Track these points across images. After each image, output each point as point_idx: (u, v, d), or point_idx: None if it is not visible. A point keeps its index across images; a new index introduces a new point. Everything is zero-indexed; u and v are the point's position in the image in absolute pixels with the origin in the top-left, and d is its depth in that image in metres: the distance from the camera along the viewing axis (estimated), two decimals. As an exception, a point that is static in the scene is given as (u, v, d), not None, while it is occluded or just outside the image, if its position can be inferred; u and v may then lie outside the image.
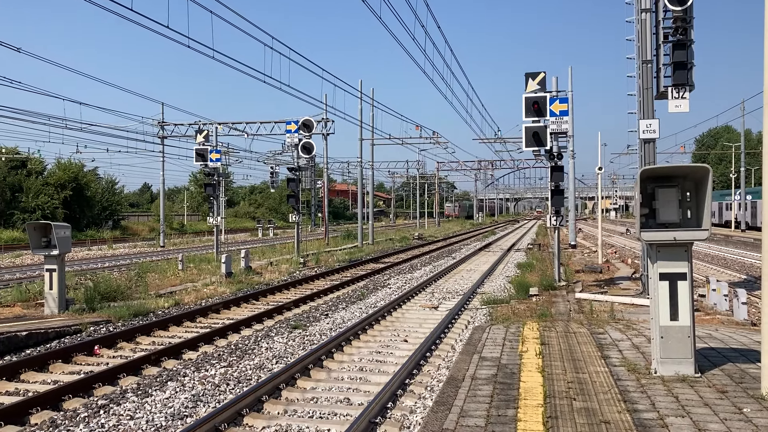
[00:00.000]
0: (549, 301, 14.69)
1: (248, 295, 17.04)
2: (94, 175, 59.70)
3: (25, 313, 13.75)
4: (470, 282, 20.36)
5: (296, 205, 26.65)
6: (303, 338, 11.73)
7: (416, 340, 11.54)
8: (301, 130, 26.42)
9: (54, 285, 13.59)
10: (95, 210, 56.67)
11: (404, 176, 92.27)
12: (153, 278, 19.61)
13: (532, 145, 16.33)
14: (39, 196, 48.85)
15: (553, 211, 17.61)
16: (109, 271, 22.54)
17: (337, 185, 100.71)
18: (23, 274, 23.64)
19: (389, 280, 21.04)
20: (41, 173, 52.40)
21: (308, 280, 20.95)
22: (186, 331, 12.73)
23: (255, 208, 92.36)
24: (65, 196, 50.75)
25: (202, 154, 25.90)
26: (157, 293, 16.94)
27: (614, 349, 8.88)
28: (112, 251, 36.95)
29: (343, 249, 33.97)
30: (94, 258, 32.15)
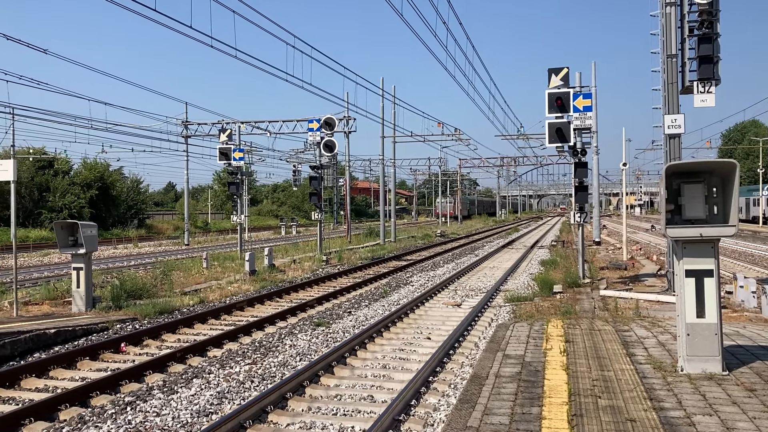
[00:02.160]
0: (573, 299, 14.58)
1: (272, 292, 17.13)
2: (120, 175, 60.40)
3: (53, 310, 13.98)
4: (493, 279, 20.28)
5: (318, 203, 26.74)
6: (326, 335, 11.78)
7: (439, 337, 11.53)
8: (323, 128, 26.49)
9: (81, 283, 13.79)
10: (121, 209, 57.33)
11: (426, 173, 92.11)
12: (178, 276, 19.80)
13: (556, 141, 16.20)
14: (66, 196, 49.53)
15: (577, 207, 17.47)
16: (134, 269, 22.82)
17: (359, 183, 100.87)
18: (51, 272, 24.02)
19: (412, 278, 21.04)
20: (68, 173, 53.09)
21: (331, 277, 21.01)
22: (211, 328, 12.85)
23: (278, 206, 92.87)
24: (91, 196, 51.41)
25: (225, 153, 26.07)
26: (182, 291, 17.11)
27: (639, 346, 8.79)
28: (138, 249, 37.39)
29: (365, 246, 34.02)
30: (120, 256, 32.56)
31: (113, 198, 55.42)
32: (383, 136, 39.71)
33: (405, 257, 29.57)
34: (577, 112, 16.44)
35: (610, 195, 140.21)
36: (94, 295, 14.45)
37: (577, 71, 17.86)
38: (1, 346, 10.24)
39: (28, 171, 48.13)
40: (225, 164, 26.88)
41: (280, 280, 20.12)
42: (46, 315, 13.31)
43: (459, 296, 16.68)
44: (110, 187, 54.96)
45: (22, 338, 10.65)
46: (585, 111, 16.48)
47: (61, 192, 49.75)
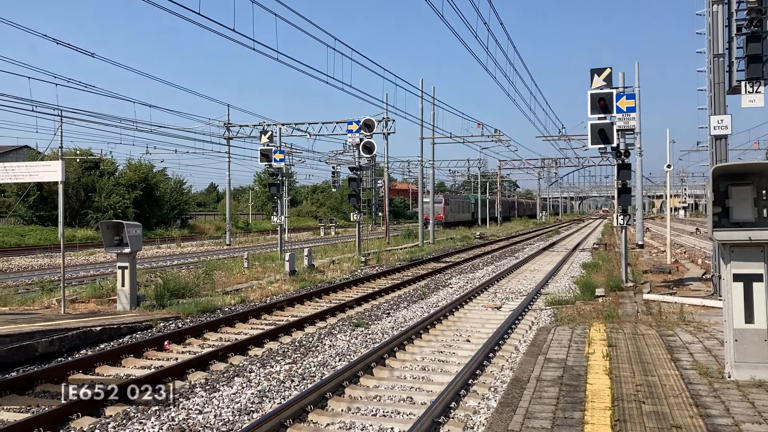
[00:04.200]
0: (616, 302, 14.36)
1: (311, 293, 17.26)
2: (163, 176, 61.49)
3: (99, 308, 14.32)
4: (534, 282, 20.10)
5: (357, 204, 26.84)
6: (365, 336, 11.82)
7: (479, 340, 11.47)
8: (362, 129, 26.57)
9: (126, 282, 14.08)
10: (164, 209, 58.36)
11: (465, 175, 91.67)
12: (219, 276, 20.09)
13: (598, 142, 15.98)
14: (111, 196, 50.57)
15: (620, 209, 17.20)
16: (177, 268, 23.22)
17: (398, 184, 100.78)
18: (97, 271, 24.62)
19: (450, 280, 20.97)
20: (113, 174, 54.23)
21: (370, 278, 21.09)
22: (251, 327, 13.01)
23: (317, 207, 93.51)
24: (136, 196, 52.36)
25: (266, 154, 26.36)
26: (223, 290, 17.36)
27: (684, 351, 8.60)
28: (181, 249, 38.05)
29: (403, 248, 34.03)
30: (163, 256, 33.19)
31: (157, 198, 56.42)
32: (422, 138, 39.69)
33: (443, 259, 29.48)
34: (620, 113, 16.18)
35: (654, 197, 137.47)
36: (138, 293, 14.75)
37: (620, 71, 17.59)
38: (50, 342, 10.53)
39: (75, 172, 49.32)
40: (266, 165, 27.18)
41: (320, 280, 20.26)
42: (92, 313, 13.65)
43: (499, 299, 16.57)
44: (154, 188, 55.95)
45: (69, 335, 10.94)
46: (628, 112, 16.20)
47: (106, 192, 50.83)
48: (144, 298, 14.71)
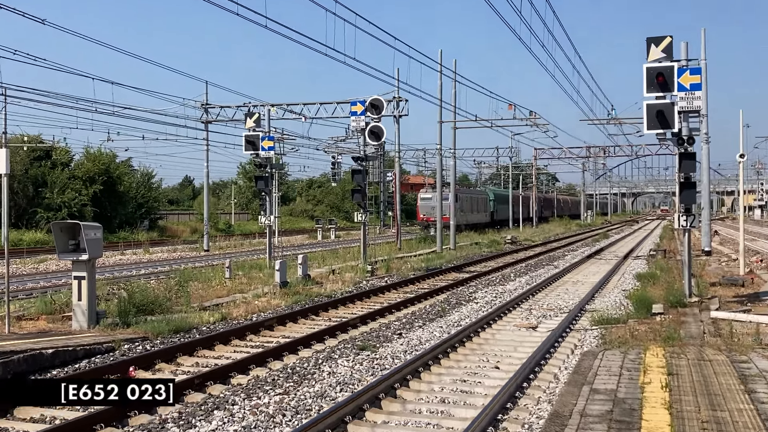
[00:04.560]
0: (677, 321, 14.31)
1: (307, 308, 17.27)
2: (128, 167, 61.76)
3: (50, 327, 14.38)
4: (577, 297, 20.06)
5: (362, 202, 26.86)
6: (372, 362, 11.83)
7: (510, 366, 11.45)
8: (369, 111, 26.59)
9: (83, 295, 14.14)
10: (129, 207, 58.59)
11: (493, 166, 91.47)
12: (196, 288, 20.15)
13: (656, 126, 15.92)
14: (65, 192, 50.77)
15: (682, 209, 17.14)
16: (145, 279, 23.31)
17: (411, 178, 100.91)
18: (48, 282, 24.74)
19: (476, 294, 20.97)
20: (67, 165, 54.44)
21: (377, 291, 21.09)
22: (235, 350, 13.04)
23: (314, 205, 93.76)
24: (95, 192, 52.56)
25: (252, 141, 26.43)
26: (200, 306, 17.42)
27: (762, 381, 8.57)
28: (149, 256, 38.18)
29: (418, 255, 34.05)
30: (128, 264, 33.31)
31: (120, 195, 56.67)
32: (441, 121, 39.72)
33: (467, 268, 29.43)
34: (682, 90, 16.12)
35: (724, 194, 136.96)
36: (98, 309, 14.81)
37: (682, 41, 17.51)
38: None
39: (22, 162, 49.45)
40: (252, 155, 27.27)
41: (317, 293, 20.29)
42: (43, 332, 13.71)
43: (535, 317, 16.55)
44: (117, 182, 56.20)
45: (14, 359, 10.98)
46: (692, 90, 16.15)
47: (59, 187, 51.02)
48: (105, 315, 14.77)
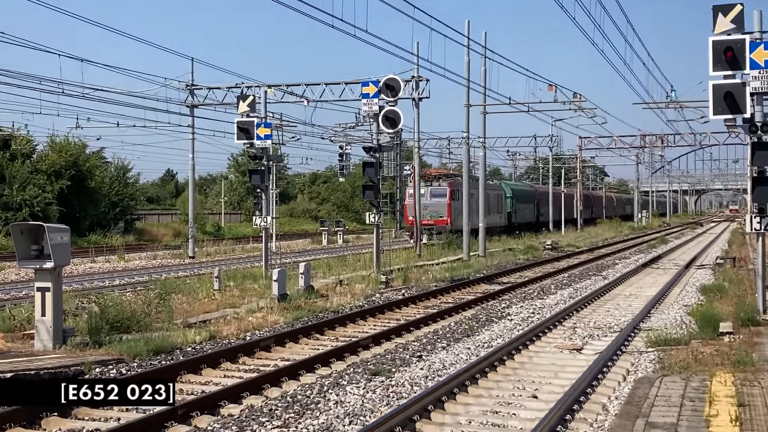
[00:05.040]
0: (749, 343, 14.22)
1: (310, 326, 17.29)
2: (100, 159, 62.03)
3: (8, 347, 14.41)
4: (630, 313, 19.99)
5: (375, 200, 26.85)
6: (387, 389, 11.82)
7: (550, 395, 11.42)
8: (384, 93, 26.59)
9: (48, 310, 14.17)
10: (101, 207, 58.79)
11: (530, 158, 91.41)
12: (180, 301, 20.19)
13: (724, 111, 15.84)
14: (26, 188, 50.84)
15: (754, 208, 17.03)
16: (120, 291, 23.38)
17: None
18: (6, 293, 24.86)
19: (509, 309, 20.92)
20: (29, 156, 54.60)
21: (393, 306, 21.10)
22: (225, 375, 13.08)
23: (318, 204, 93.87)
24: (61, 188, 52.63)
25: (245, 128, 26.46)
26: (185, 322, 17.46)
27: None
28: (124, 263, 38.34)
29: (441, 262, 34.00)
30: (100, 273, 33.45)
31: (91, 191, 56.80)
32: (468, 105, 39.68)
33: (499, 279, 29.35)
34: (756, 68, 16.00)
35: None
36: (65, 326, 14.84)
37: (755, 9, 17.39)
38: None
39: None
40: (245, 144, 27.29)
41: (322, 308, 20.30)
42: (0, 353, 13.77)
43: (579, 337, 16.50)
44: (87, 177, 56.36)
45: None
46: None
47: (20, 183, 51.08)
48: (73, 333, 14.80)
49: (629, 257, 42.15)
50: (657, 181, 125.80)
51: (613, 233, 71.85)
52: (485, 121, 41.77)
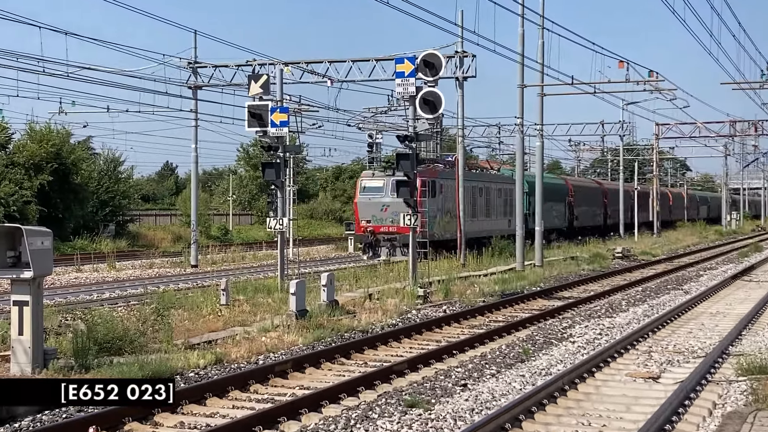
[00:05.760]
0: None
1: (333, 348, 17.30)
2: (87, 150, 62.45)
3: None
4: (717, 335, 19.84)
5: (411, 199, 26.82)
6: (425, 424, 11.80)
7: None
8: (421, 72, 26.56)
9: (26, 328, 14.24)
10: (88, 206, 59.11)
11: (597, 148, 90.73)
12: (180, 318, 20.30)
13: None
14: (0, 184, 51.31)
15: None
16: (111, 305, 23.52)
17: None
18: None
19: (571, 329, 20.82)
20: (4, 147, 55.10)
21: (432, 325, 21.10)
22: (234, 406, 13.10)
23: (343, 203, 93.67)
24: (41, 184, 52.98)
25: (258, 114, 26.53)
26: (187, 343, 17.53)
27: None
28: (116, 273, 38.59)
29: (490, 273, 33.89)
30: (87, 284, 33.69)
31: (77, 188, 57.12)
32: (523, 85, 39.48)
33: (559, 293, 29.25)
34: None
35: None
36: (46, 347, 14.94)
37: None
38: None
39: (-57, 144, 50.27)
40: (257, 133, 27.39)
41: (348, 327, 20.30)
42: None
43: (656, 363, 16.40)
44: (72, 171, 56.66)
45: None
46: None
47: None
48: (56, 355, 14.90)
49: (716, 268, 41.79)
50: (750, 177, 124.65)
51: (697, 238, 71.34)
52: (543, 104, 41.48)
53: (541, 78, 40.24)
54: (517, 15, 36.19)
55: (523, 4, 36.12)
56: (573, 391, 13.82)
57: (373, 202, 37.78)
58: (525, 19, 36.85)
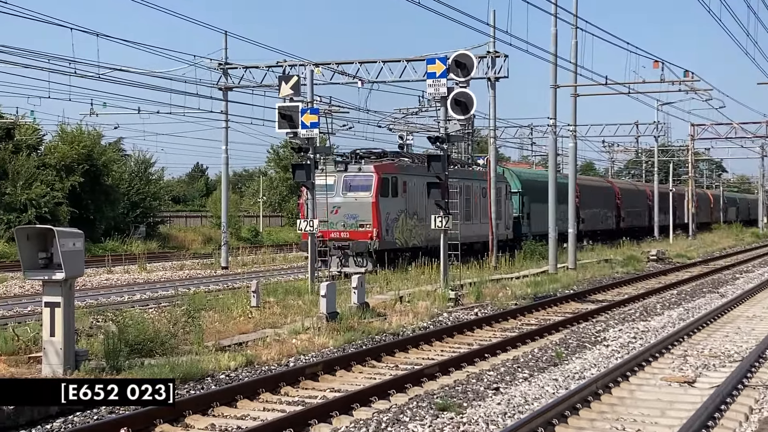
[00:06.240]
0: None
1: (364, 351, 17.31)
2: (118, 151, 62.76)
3: (12, 373, 14.60)
4: (753, 339, 19.68)
5: (442, 201, 26.78)
6: (457, 427, 11.77)
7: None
8: (453, 72, 26.51)
9: (57, 329, 14.32)
10: (119, 208, 59.43)
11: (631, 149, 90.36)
12: (211, 320, 20.36)
13: None
14: (32, 186, 51.48)
15: None
16: (141, 307, 23.64)
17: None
18: (9, 309, 25.24)
19: (605, 333, 20.72)
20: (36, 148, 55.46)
21: (464, 328, 21.08)
22: (265, 408, 13.13)
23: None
24: (73, 185, 53.29)
25: (289, 115, 26.61)
26: (217, 345, 17.59)
27: None
28: (146, 275, 38.74)
29: (522, 276, 33.79)
30: (118, 285, 33.86)
31: (108, 190, 57.42)
32: (556, 85, 39.32)
33: (593, 296, 29.11)
34: None
35: None
36: (78, 348, 15.02)
37: None
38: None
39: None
40: (288, 134, 27.47)
41: (378, 330, 20.32)
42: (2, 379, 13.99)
43: (691, 367, 16.29)
44: (103, 172, 56.98)
45: (-34, 416, 11.24)
46: None
47: (24, 179, 51.81)
48: (87, 356, 14.98)
49: (752, 270, 41.49)
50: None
51: (733, 241, 70.86)
52: (576, 104, 41.42)
53: (575, 78, 40.10)
54: (550, 14, 36.10)
55: (556, 4, 36.02)
56: (607, 396, 13.76)
57: (322, 202, 32.05)
58: (558, 18, 36.74)
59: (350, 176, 35.73)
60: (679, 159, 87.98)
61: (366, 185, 35.50)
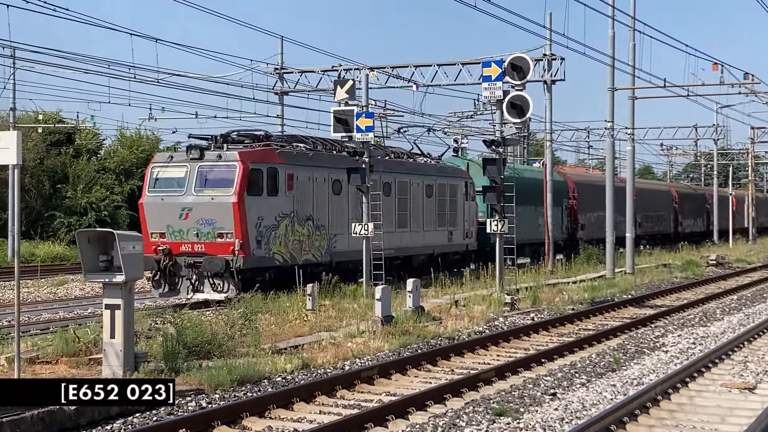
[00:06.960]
0: None
1: (420, 355, 17.31)
2: (176, 155, 63.20)
3: (73, 373, 14.79)
4: (815, 344, 19.47)
5: (498, 205, 26.70)
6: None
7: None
8: (509, 75, 26.46)
9: (117, 331, 14.48)
10: (177, 211, 59.90)
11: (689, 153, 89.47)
12: (267, 323, 20.46)
13: None
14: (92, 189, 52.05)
15: None
16: (199, 310, 23.81)
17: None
18: (69, 311, 25.53)
19: (664, 338, 20.59)
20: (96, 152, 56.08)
21: (520, 333, 21.04)
22: (321, 411, 13.18)
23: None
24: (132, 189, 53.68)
25: (344, 119, 26.68)
26: (273, 347, 17.68)
27: None
28: (203, 278, 39.05)
29: (579, 281, 33.61)
30: (174, 288, 34.18)
31: (165, 193, 57.98)
32: (614, 88, 39.06)
33: (651, 301, 28.91)
34: None
35: None
36: (137, 350, 15.18)
37: None
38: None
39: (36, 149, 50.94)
40: (343, 138, 27.52)
41: (434, 334, 20.31)
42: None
43: (752, 373, 16.14)
44: (161, 176, 57.57)
45: (27, 417, 11.37)
46: None
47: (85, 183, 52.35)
48: (146, 358, 15.13)
49: (814, 275, 40.97)
50: None
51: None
52: (633, 107, 41.11)
53: (633, 81, 39.85)
54: (608, 17, 35.90)
55: (614, 6, 35.81)
56: (666, 401, 13.66)
57: (169, 203, 25.86)
58: (615, 20, 36.51)
59: (207, 167, 26.37)
60: (739, 162, 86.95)
61: (226, 179, 26.11)
